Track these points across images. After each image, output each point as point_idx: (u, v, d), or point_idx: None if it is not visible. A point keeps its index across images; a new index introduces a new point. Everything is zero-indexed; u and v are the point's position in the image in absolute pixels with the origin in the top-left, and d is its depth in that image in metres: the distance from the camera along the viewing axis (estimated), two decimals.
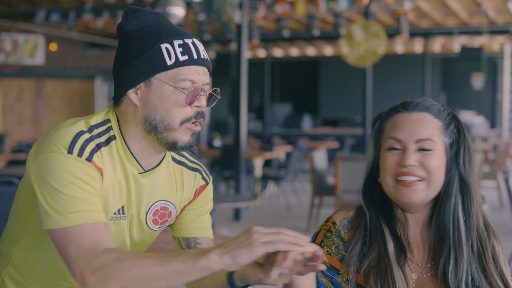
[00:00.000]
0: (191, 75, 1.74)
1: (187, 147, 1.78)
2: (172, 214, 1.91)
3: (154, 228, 1.89)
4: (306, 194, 11.56)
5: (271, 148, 11.76)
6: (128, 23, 1.80)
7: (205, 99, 1.78)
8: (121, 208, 1.79)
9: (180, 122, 1.74)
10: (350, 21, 15.43)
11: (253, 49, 20.50)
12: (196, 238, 1.97)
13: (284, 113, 22.72)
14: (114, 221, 1.79)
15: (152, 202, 1.86)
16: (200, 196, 1.98)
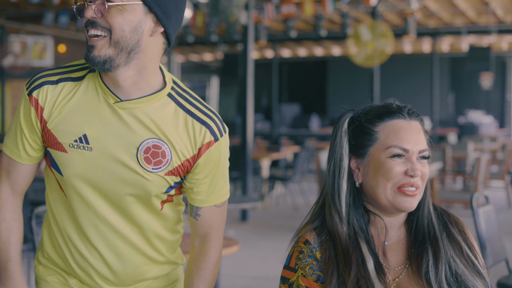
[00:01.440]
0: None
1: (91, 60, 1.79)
2: (166, 155, 1.85)
3: (148, 168, 1.85)
4: (314, 195, 11.55)
5: (279, 148, 11.77)
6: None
7: (91, 10, 1.77)
8: (83, 136, 1.83)
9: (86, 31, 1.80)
10: (357, 21, 15.40)
11: (261, 49, 20.49)
12: (198, 209, 1.97)
13: (292, 113, 22.70)
14: (75, 149, 1.85)
15: (143, 139, 1.84)
16: (208, 154, 1.90)
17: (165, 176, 1.88)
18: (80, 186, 1.88)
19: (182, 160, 1.88)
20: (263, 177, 10.71)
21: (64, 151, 1.85)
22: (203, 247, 2.01)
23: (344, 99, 24.93)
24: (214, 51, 20.60)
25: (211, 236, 2.01)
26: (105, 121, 1.84)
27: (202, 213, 1.98)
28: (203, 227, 2.00)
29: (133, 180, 1.86)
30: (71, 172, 1.86)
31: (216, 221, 2.01)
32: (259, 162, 10.67)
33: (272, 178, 10.89)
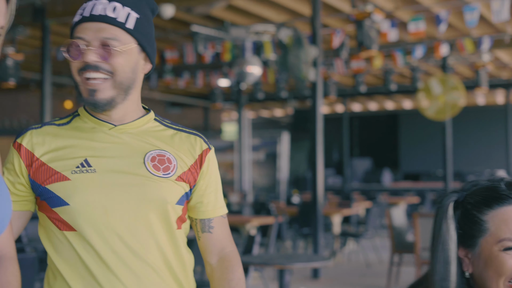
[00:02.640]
0: (80, 32, 1.83)
1: (92, 103, 1.83)
2: (172, 161, 1.90)
3: (157, 173, 1.87)
4: (387, 251, 11.34)
5: (350, 204, 11.64)
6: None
7: (93, 53, 1.81)
8: (84, 161, 1.84)
9: (77, 75, 1.83)
10: (428, 74, 15.31)
11: (331, 104, 20.54)
12: (210, 220, 1.99)
13: (364, 167, 22.52)
14: (79, 174, 1.83)
15: (146, 151, 1.89)
16: (209, 160, 1.98)
17: (176, 181, 1.90)
18: (89, 211, 1.82)
19: (188, 166, 1.93)
20: (335, 234, 10.59)
21: (66, 179, 1.83)
22: (225, 261, 2.00)
23: (416, 152, 24.76)
24: (285, 107, 20.77)
25: (229, 248, 2.02)
26: (104, 145, 1.88)
27: (214, 224, 2.00)
28: (219, 240, 2.01)
29: (145, 188, 1.85)
30: (79, 197, 1.82)
31: (228, 232, 2.04)
32: (330, 218, 10.57)
33: (344, 234, 10.75)
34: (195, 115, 20.67)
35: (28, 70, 13.55)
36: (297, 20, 10.62)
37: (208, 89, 17.00)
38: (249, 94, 17.43)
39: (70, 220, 1.83)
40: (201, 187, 1.98)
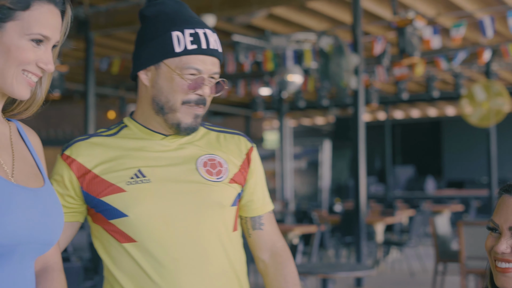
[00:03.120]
0: (197, 64, 1.85)
1: (190, 128, 1.89)
2: (222, 164, 1.94)
3: (211, 178, 1.90)
4: (431, 260, 11.21)
5: (393, 212, 11.54)
6: (147, 9, 1.94)
7: (208, 88, 1.88)
8: (138, 171, 1.86)
9: (181, 102, 1.86)
10: (471, 80, 15.13)
11: (373, 112, 20.42)
12: (260, 217, 2.04)
13: (407, 175, 22.31)
14: (134, 185, 1.84)
15: (197, 157, 1.92)
16: (255, 158, 2.03)
17: (229, 183, 1.93)
18: (149, 221, 1.83)
19: (238, 167, 1.97)
20: (378, 242, 10.50)
21: (122, 191, 1.84)
22: (278, 256, 2.04)
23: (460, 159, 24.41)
24: (326, 115, 20.71)
25: (280, 243, 2.06)
26: (156, 154, 1.90)
27: (264, 221, 2.05)
28: (270, 236, 2.05)
29: (202, 194, 1.87)
30: (137, 208, 1.83)
31: (276, 227, 2.09)
32: (373, 226, 10.49)
33: (387, 243, 10.66)
34: (236, 124, 20.73)
35: (72, 81, 13.75)
36: (337, 28, 10.59)
37: (250, 98, 17.04)
38: (290, 103, 17.43)
39: (130, 231, 1.85)
40: (250, 185, 2.03)
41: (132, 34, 11.01)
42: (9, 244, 1.45)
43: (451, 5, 9.59)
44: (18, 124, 1.72)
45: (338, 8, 9.65)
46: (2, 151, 1.58)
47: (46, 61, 1.58)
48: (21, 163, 1.61)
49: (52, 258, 1.74)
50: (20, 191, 1.51)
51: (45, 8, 1.57)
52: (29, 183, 1.58)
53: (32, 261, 1.58)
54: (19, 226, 1.46)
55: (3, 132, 1.63)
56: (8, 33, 1.53)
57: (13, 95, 1.58)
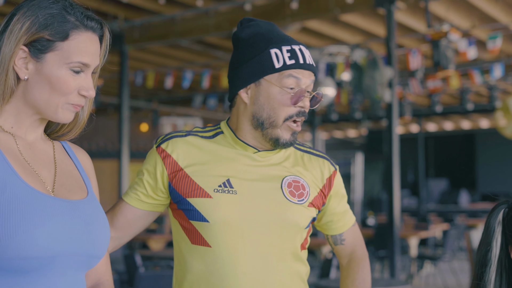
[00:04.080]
0: (298, 77, 1.93)
1: (288, 144, 1.96)
2: (305, 187, 2.00)
3: (293, 200, 1.96)
4: (465, 275, 11.08)
5: (427, 226, 11.42)
6: (243, 31, 2.02)
7: (308, 101, 1.96)
8: (226, 181, 1.91)
9: (283, 119, 1.93)
10: (506, 93, 14.96)
11: (405, 124, 20.28)
12: (341, 235, 2.15)
13: (440, 188, 22.10)
14: (221, 194, 1.90)
15: (283, 176, 1.98)
16: (337, 182, 2.10)
17: (308, 207, 2.00)
18: (227, 231, 1.89)
19: (317, 190, 2.04)
20: (412, 256, 10.40)
21: (208, 197, 1.90)
22: (353, 261, 2.16)
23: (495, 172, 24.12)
24: (358, 128, 20.62)
25: (358, 251, 2.17)
26: (245, 167, 1.96)
27: (346, 237, 2.16)
28: (349, 247, 2.17)
29: (282, 214, 1.93)
30: (219, 216, 1.88)
31: (357, 237, 2.19)
32: (406, 240, 10.40)
33: (421, 257, 10.55)
34: None
35: (106, 94, 13.89)
36: (371, 41, 10.56)
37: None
38: (322, 115, 17.39)
39: (207, 236, 1.91)
40: (330, 208, 2.11)
41: (166, 48, 11.10)
42: (44, 257, 1.47)
43: (486, 17, 9.51)
44: (65, 144, 1.76)
45: (371, 21, 9.63)
46: (43, 167, 1.61)
47: (87, 87, 1.62)
48: (63, 177, 1.64)
49: (103, 275, 1.77)
50: (57, 203, 1.54)
51: (83, 37, 1.60)
52: (70, 196, 1.60)
53: (80, 274, 1.59)
54: (54, 238, 1.48)
55: (46, 150, 1.67)
56: (48, 64, 1.57)
57: (57, 121, 1.63)
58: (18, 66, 1.56)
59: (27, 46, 1.55)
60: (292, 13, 8.55)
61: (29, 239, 1.44)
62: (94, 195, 1.69)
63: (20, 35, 1.54)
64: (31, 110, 1.60)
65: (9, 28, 1.56)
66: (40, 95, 1.58)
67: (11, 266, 1.44)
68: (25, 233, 1.43)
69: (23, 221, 1.44)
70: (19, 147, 1.59)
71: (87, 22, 1.61)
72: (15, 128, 1.61)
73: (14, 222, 1.43)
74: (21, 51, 1.55)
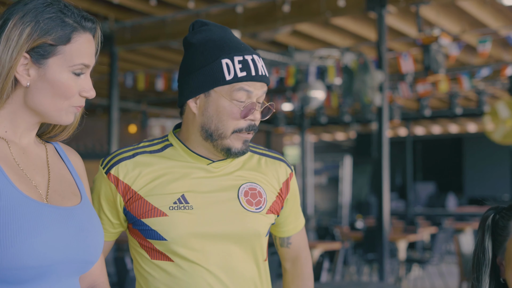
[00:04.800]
0: (248, 90, 1.87)
1: (240, 153, 1.91)
2: (262, 194, 1.96)
3: (251, 209, 1.92)
4: (453, 278, 11.12)
5: (415, 229, 11.45)
6: (194, 36, 1.93)
7: (259, 113, 1.91)
8: (181, 197, 1.87)
9: (231, 131, 1.87)
10: (494, 97, 15.05)
11: (394, 128, 20.35)
12: (289, 238, 2.14)
13: (427, 192, 22.18)
14: (176, 211, 1.86)
15: (239, 185, 1.94)
16: (293, 184, 2.07)
17: (267, 214, 1.97)
18: (187, 247, 1.86)
19: (274, 196, 2.01)
20: (400, 260, 10.43)
21: (164, 215, 1.85)
22: (297, 266, 2.16)
23: (482, 176, 24.19)
24: (347, 131, 20.67)
25: (302, 255, 2.17)
26: (200, 180, 1.91)
27: (292, 241, 2.15)
28: (294, 251, 2.16)
29: (241, 224, 1.90)
30: (176, 234, 1.84)
31: (303, 242, 2.18)
32: (395, 244, 10.42)
33: (409, 260, 10.58)
34: (257, 139, 20.75)
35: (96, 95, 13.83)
36: (361, 44, 10.59)
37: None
38: (311, 118, 17.42)
39: (168, 252, 1.87)
40: (285, 211, 2.09)
41: (156, 50, 11.07)
42: (41, 265, 1.46)
43: (476, 22, 9.56)
44: (57, 146, 1.75)
45: (362, 24, 9.65)
46: (36, 173, 1.60)
47: (88, 88, 1.62)
48: (57, 183, 1.63)
49: (99, 277, 1.76)
50: (52, 211, 1.52)
51: (83, 38, 1.59)
52: (64, 202, 1.59)
53: (74, 279, 1.59)
54: (50, 247, 1.47)
55: (39, 154, 1.65)
56: (51, 69, 1.55)
57: (60, 124, 1.63)
58: (19, 73, 1.54)
59: (28, 52, 1.53)
60: (284, 16, 8.56)
61: (25, 249, 1.43)
62: (87, 199, 1.68)
63: (21, 42, 1.52)
64: (30, 114, 1.59)
65: (4, 34, 1.52)
66: (42, 101, 1.57)
67: (7, 276, 1.43)
68: (21, 243, 1.42)
69: (19, 231, 1.43)
70: (12, 153, 1.57)
71: (85, 23, 1.61)
72: (10, 132, 1.59)
73: (10, 232, 1.42)
74: (22, 58, 1.53)
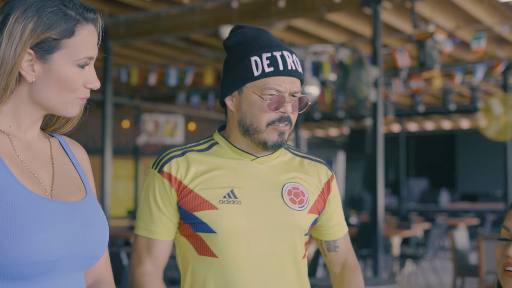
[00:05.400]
0: (277, 85, 1.95)
1: (276, 145, 1.99)
2: (305, 194, 2.04)
3: (294, 207, 2.00)
4: (447, 273, 11.15)
5: (409, 225, 11.47)
6: (229, 39, 2.06)
7: (290, 106, 1.97)
8: (230, 192, 1.96)
9: (266, 124, 1.96)
10: (488, 94, 15.08)
11: (387, 124, 20.37)
12: (335, 241, 2.18)
13: (420, 188, 22.23)
14: (226, 204, 1.95)
15: (282, 183, 2.02)
16: (334, 186, 2.15)
17: (308, 213, 2.04)
18: (234, 241, 1.94)
19: (316, 196, 2.08)
20: (394, 255, 10.45)
21: (214, 208, 1.94)
22: (346, 269, 2.17)
23: (474, 172, 24.19)
24: (340, 127, 20.67)
25: (350, 258, 2.19)
26: (247, 176, 2.01)
27: (339, 244, 2.19)
28: (343, 255, 2.19)
29: (284, 220, 1.98)
30: (226, 226, 1.93)
31: (349, 245, 2.23)
32: (389, 239, 10.44)
33: (403, 256, 10.60)
34: None
35: None
36: (356, 40, 10.59)
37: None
38: (305, 114, 17.41)
39: (214, 247, 1.95)
40: (327, 213, 2.14)
41: (149, 45, 11.04)
42: (46, 261, 1.45)
43: (471, 18, 9.57)
44: (61, 139, 1.73)
45: (356, 20, 9.65)
46: (41, 168, 1.58)
47: (93, 79, 1.60)
48: (61, 178, 1.61)
49: (103, 273, 1.75)
50: (57, 206, 1.51)
51: (86, 30, 1.58)
52: (68, 198, 1.58)
53: (79, 275, 1.58)
54: (55, 243, 1.46)
55: (43, 149, 1.64)
56: (56, 64, 1.54)
57: (66, 116, 1.62)
58: (24, 69, 1.52)
59: (32, 48, 1.51)
60: (278, 12, 8.54)
61: (30, 245, 1.42)
62: (92, 194, 1.67)
63: (25, 38, 1.50)
64: (35, 108, 1.57)
65: (6, 29, 1.50)
66: (48, 95, 1.55)
67: (12, 272, 1.43)
68: (26, 239, 1.42)
69: (24, 227, 1.42)
70: (15, 148, 1.55)
71: (87, 15, 1.59)
72: (14, 127, 1.57)
73: (14, 228, 1.41)
74: (26, 54, 1.51)
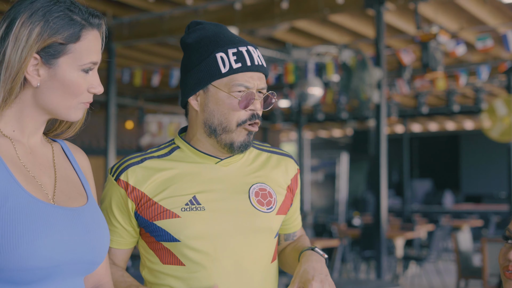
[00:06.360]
0: (245, 81, 1.87)
1: (243, 146, 1.91)
2: (272, 195, 1.96)
3: (262, 209, 1.92)
4: (451, 275, 11.13)
5: (413, 227, 11.45)
6: (189, 36, 1.97)
7: (259, 103, 1.90)
8: (193, 198, 1.87)
9: (236, 124, 1.88)
10: (492, 95, 15.05)
11: (391, 125, 20.35)
12: (295, 232, 2.16)
13: (424, 189, 22.19)
14: (189, 212, 1.85)
15: (249, 185, 1.94)
16: (298, 182, 2.09)
17: (277, 215, 1.97)
18: (199, 246, 1.86)
19: (283, 195, 2.01)
20: (397, 257, 10.43)
21: (176, 217, 1.85)
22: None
23: (478, 174, 24.11)
24: (344, 128, 20.65)
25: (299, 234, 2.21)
26: (210, 180, 1.91)
27: (297, 233, 2.17)
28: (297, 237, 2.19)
29: (253, 223, 1.90)
30: (189, 234, 1.85)
31: (303, 230, 2.23)
32: (393, 241, 10.42)
33: (407, 257, 10.58)
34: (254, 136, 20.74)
35: None
36: (359, 41, 10.57)
37: (269, 110, 17.00)
38: (308, 115, 17.41)
39: (180, 254, 1.87)
40: (292, 209, 2.09)
41: (154, 46, 11.04)
42: (47, 267, 1.45)
43: (474, 20, 9.55)
44: (64, 144, 1.73)
45: (360, 21, 9.64)
46: (43, 173, 1.59)
47: (96, 84, 1.61)
48: (63, 183, 1.62)
49: (103, 277, 1.75)
50: (59, 212, 1.51)
51: (91, 35, 1.59)
52: (70, 203, 1.58)
53: (79, 280, 1.58)
54: (56, 248, 1.46)
55: (45, 154, 1.64)
56: (61, 68, 1.54)
57: (69, 120, 1.62)
58: (30, 74, 1.53)
59: (38, 53, 1.52)
60: (281, 13, 8.53)
61: (31, 250, 1.42)
62: (93, 199, 1.68)
63: (31, 42, 1.50)
64: (38, 112, 1.58)
65: (12, 33, 1.51)
66: (53, 99, 1.56)
67: (13, 277, 1.43)
68: (28, 244, 1.42)
69: (25, 232, 1.42)
70: (18, 153, 1.55)
71: (93, 20, 1.59)
72: (17, 131, 1.58)
73: (16, 233, 1.42)
74: (32, 59, 1.52)
